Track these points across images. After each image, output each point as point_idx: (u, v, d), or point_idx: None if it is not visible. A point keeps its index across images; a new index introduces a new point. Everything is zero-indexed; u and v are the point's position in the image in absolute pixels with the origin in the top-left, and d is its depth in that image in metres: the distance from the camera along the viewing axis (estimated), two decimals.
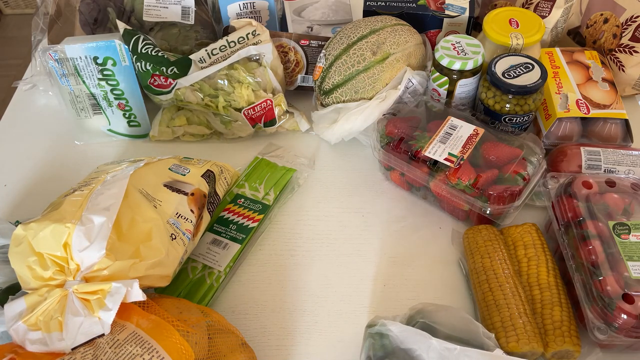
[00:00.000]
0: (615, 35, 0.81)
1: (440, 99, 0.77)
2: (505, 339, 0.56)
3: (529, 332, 0.56)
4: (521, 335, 0.56)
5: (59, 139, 0.84)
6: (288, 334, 0.62)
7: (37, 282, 0.51)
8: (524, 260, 0.63)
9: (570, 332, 0.56)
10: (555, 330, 0.57)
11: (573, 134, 0.75)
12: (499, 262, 0.62)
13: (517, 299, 0.59)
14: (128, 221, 0.54)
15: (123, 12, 0.87)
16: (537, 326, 0.57)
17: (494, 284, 0.60)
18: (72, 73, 0.75)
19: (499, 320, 0.58)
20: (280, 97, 0.79)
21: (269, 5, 0.86)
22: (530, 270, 0.62)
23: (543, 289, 0.60)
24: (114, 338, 0.48)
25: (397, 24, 0.78)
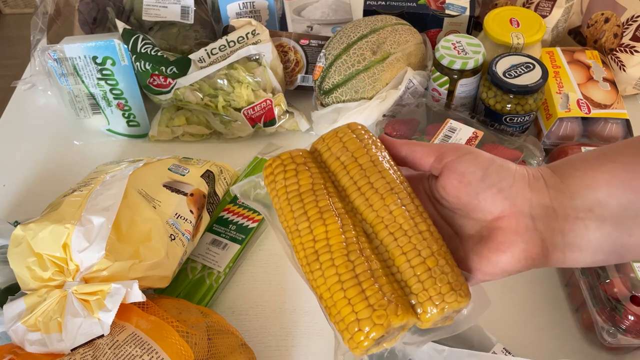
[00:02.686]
0: (616, 34, 0.81)
1: (441, 98, 0.77)
2: (347, 330, 0.35)
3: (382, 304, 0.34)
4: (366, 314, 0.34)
5: (58, 139, 0.84)
6: (288, 334, 0.62)
7: (37, 282, 0.51)
8: (350, 187, 0.39)
9: (455, 286, 0.36)
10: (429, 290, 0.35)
11: (574, 133, 0.74)
12: (314, 204, 0.38)
13: (358, 257, 0.36)
14: (127, 222, 0.54)
15: (122, 11, 0.87)
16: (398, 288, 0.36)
17: (320, 245, 0.37)
18: (71, 73, 0.75)
19: (336, 298, 0.35)
20: (280, 97, 0.79)
21: (269, 5, 0.85)
22: (370, 200, 0.38)
23: (395, 233, 0.37)
24: (114, 339, 0.48)
25: (397, 24, 0.78)
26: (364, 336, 0.34)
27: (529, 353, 0.58)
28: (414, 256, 0.36)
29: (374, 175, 0.39)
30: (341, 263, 0.36)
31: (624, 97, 0.84)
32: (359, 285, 0.35)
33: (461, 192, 0.37)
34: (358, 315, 0.34)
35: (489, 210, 0.37)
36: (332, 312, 0.36)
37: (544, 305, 0.63)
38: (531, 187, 0.37)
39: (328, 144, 0.41)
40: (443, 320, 0.37)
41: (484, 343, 0.55)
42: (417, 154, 0.40)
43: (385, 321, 0.34)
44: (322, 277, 0.36)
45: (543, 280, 0.65)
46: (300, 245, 0.38)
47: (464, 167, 0.37)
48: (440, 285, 0.35)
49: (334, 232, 0.37)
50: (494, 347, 0.54)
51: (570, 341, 0.60)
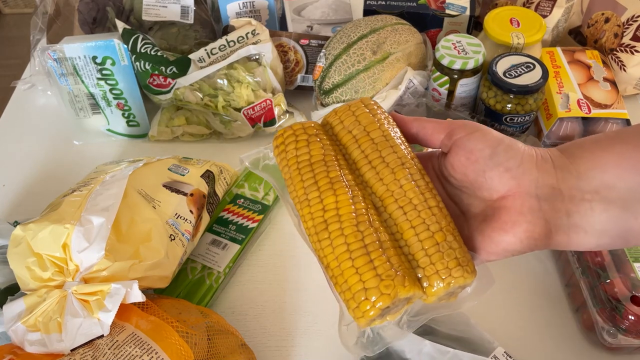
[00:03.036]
0: (616, 34, 0.81)
1: (441, 98, 0.77)
2: (354, 299, 0.35)
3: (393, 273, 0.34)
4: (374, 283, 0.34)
5: (58, 139, 0.84)
6: (288, 334, 0.62)
7: (36, 283, 0.51)
8: (361, 160, 0.39)
9: (462, 262, 0.36)
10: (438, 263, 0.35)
11: (574, 133, 0.74)
12: (325, 174, 0.38)
13: (366, 227, 0.36)
14: (127, 222, 0.54)
15: (122, 11, 0.87)
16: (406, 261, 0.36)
17: (329, 214, 0.37)
18: (71, 73, 0.75)
19: (344, 267, 0.35)
20: (280, 97, 0.79)
21: (269, 5, 0.85)
22: (381, 174, 0.38)
23: (405, 207, 0.37)
24: (113, 339, 0.48)
25: (397, 23, 0.78)
26: (370, 305, 0.34)
27: (529, 353, 0.58)
28: (423, 230, 0.36)
29: (386, 149, 0.39)
30: (350, 233, 0.35)
31: (624, 97, 0.84)
32: (367, 255, 0.35)
33: (468, 169, 0.38)
34: (365, 285, 0.34)
35: (495, 188, 0.37)
36: (338, 281, 0.36)
37: (544, 305, 0.63)
38: (538, 167, 0.37)
39: (340, 117, 0.41)
40: (447, 296, 0.37)
41: (484, 345, 0.54)
42: (427, 130, 0.40)
43: (393, 291, 0.34)
44: (330, 246, 0.36)
45: (543, 281, 0.65)
46: (309, 214, 0.37)
47: (473, 145, 0.38)
48: (447, 260, 0.35)
49: (344, 202, 0.37)
50: (495, 351, 0.54)
51: (570, 341, 0.60)
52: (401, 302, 0.35)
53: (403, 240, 0.37)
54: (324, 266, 0.37)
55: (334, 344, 0.61)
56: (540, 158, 0.37)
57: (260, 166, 0.44)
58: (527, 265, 0.66)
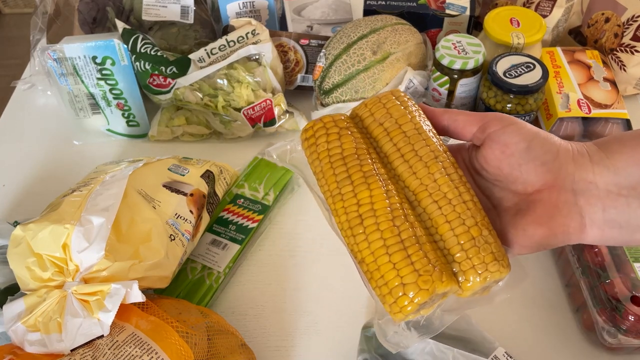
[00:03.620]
0: (616, 34, 0.81)
1: (441, 98, 0.77)
2: (391, 295, 0.34)
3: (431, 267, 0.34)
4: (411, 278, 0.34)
5: (58, 139, 0.84)
6: (288, 334, 0.62)
7: (36, 283, 0.51)
8: (393, 153, 0.39)
9: (497, 256, 0.36)
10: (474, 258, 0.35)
11: (574, 133, 0.74)
12: (358, 169, 0.38)
13: (402, 222, 0.36)
14: (127, 222, 0.54)
15: (122, 11, 0.87)
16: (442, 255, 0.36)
17: (364, 208, 0.36)
18: (70, 73, 0.75)
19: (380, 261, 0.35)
20: (280, 97, 0.79)
21: (269, 5, 0.85)
22: (414, 167, 0.38)
23: (439, 201, 0.37)
24: (113, 339, 0.48)
25: (397, 23, 0.78)
26: (408, 301, 0.34)
27: (529, 353, 0.58)
28: (458, 225, 0.36)
29: (418, 142, 0.38)
30: (386, 228, 0.35)
31: (624, 97, 0.84)
32: (404, 250, 0.35)
33: (503, 162, 0.37)
34: (403, 280, 0.34)
35: (530, 182, 0.37)
36: (374, 276, 0.35)
37: (545, 305, 0.63)
38: (575, 161, 0.36)
39: (371, 110, 0.41)
40: (482, 290, 0.37)
41: (485, 345, 0.54)
42: (459, 123, 0.40)
43: (431, 286, 0.33)
44: (366, 241, 0.36)
45: (543, 281, 0.65)
46: (342, 209, 0.37)
47: (508, 138, 0.37)
48: (484, 255, 0.35)
49: (379, 197, 0.36)
50: (495, 351, 0.54)
51: (570, 341, 0.60)
52: (437, 297, 0.35)
53: (438, 234, 0.36)
54: (357, 261, 0.37)
55: (334, 344, 0.61)
56: (576, 152, 0.37)
57: (287, 159, 0.43)
58: (527, 265, 0.66)
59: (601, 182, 0.36)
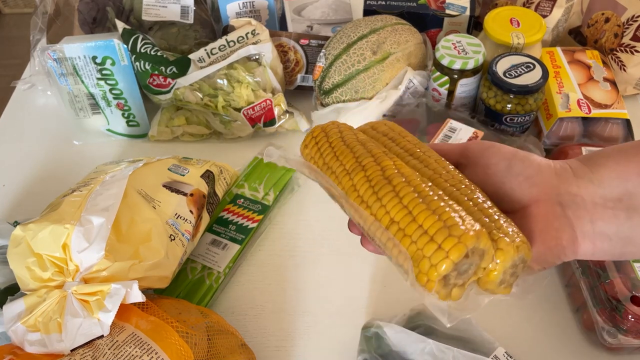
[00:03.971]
0: (616, 34, 0.81)
1: (441, 98, 0.77)
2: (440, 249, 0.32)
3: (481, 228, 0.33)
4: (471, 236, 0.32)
5: (58, 139, 0.84)
6: (287, 334, 0.62)
7: (36, 283, 0.51)
8: (402, 152, 0.39)
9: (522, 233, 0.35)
10: (502, 229, 0.34)
11: (574, 134, 0.74)
12: (373, 150, 0.38)
13: (428, 189, 0.35)
14: (127, 222, 0.54)
15: (122, 11, 0.87)
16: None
17: (389, 171, 0.36)
18: (70, 73, 0.75)
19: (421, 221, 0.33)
20: (279, 97, 0.79)
21: (269, 5, 0.85)
22: (425, 162, 0.38)
23: (456, 185, 0.37)
24: (113, 339, 0.48)
25: (397, 24, 0.78)
26: (455, 242, 0.31)
27: (529, 353, 0.58)
28: (480, 202, 0.35)
29: (423, 147, 0.40)
30: (418, 183, 0.34)
31: (624, 97, 0.84)
32: (440, 203, 0.33)
33: (487, 183, 0.38)
34: (447, 222, 0.32)
35: (517, 199, 0.37)
36: (408, 230, 0.33)
37: (545, 305, 0.62)
38: (558, 175, 0.37)
39: (373, 126, 0.42)
40: (509, 274, 0.34)
41: (485, 345, 0.54)
42: (442, 152, 0.41)
43: (476, 232, 0.31)
44: (396, 197, 0.34)
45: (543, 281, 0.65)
46: (364, 178, 0.35)
47: (488, 159, 0.38)
48: (511, 228, 0.34)
49: (403, 166, 0.36)
50: (496, 351, 0.54)
51: (570, 341, 0.60)
52: (474, 262, 0.32)
53: (462, 210, 0.34)
54: (383, 227, 0.34)
55: (334, 344, 0.61)
56: (558, 167, 0.37)
57: (285, 160, 0.43)
58: None
59: (586, 195, 0.36)
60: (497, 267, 0.33)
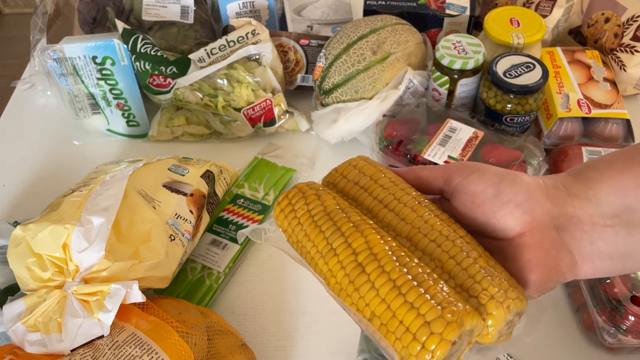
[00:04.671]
0: (616, 34, 0.81)
1: (441, 98, 0.77)
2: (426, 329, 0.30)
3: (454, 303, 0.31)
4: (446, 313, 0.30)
5: (58, 139, 0.84)
6: (287, 334, 0.62)
7: (36, 283, 0.51)
8: (376, 206, 0.38)
9: (512, 284, 0.34)
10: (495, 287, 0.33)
11: (574, 133, 0.74)
12: (346, 218, 0.35)
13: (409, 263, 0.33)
14: (127, 222, 0.54)
15: (122, 11, 0.87)
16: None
17: (363, 254, 0.33)
18: (70, 73, 0.75)
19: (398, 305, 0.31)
20: (279, 97, 0.79)
21: (269, 5, 0.85)
22: (401, 214, 0.37)
23: (437, 239, 0.35)
24: (113, 339, 0.48)
25: (397, 23, 0.78)
26: (438, 340, 0.29)
27: (529, 353, 0.58)
28: (463, 258, 0.33)
29: (399, 192, 0.37)
30: (392, 268, 0.32)
31: (624, 97, 0.84)
32: (418, 287, 0.31)
33: (476, 213, 0.36)
34: (426, 317, 0.30)
35: (509, 228, 0.35)
36: (390, 326, 0.31)
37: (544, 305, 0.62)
38: (550, 197, 0.35)
39: (342, 173, 0.40)
40: (506, 328, 0.33)
41: None
42: (424, 179, 0.39)
43: (459, 318, 0.29)
44: (373, 288, 0.32)
45: None
46: (338, 264, 0.34)
47: (474, 187, 0.36)
48: (499, 283, 0.32)
49: (375, 241, 0.33)
50: None
51: (570, 341, 0.60)
52: (465, 340, 0.31)
53: (445, 273, 0.33)
54: (367, 317, 0.33)
55: (334, 344, 0.61)
56: (550, 188, 0.35)
57: (263, 238, 0.41)
58: None
59: (583, 215, 0.34)
60: (491, 332, 0.32)
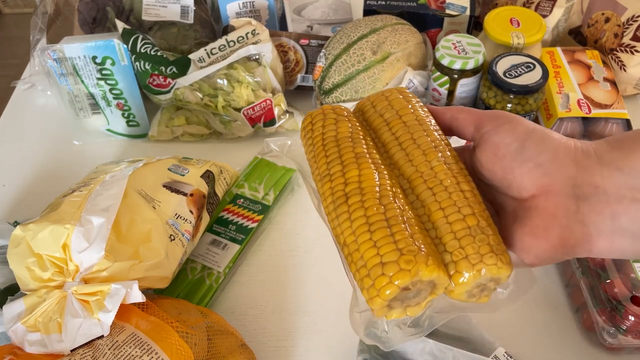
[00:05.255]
0: (616, 34, 0.81)
1: (441, 98, 0.77)
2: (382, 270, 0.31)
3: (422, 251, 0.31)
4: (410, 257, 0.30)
5: (58, 139, 0.84)
6: (288, 334, 0.62)
7: (36, 283, 0.51)
8: (391, 142, 0.37)
9: (496, 250, 0.32)
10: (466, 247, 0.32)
11: (574, 134, 0.74)
12: (350, 145, 0.36)
13: (394, 206, 0.33)
14: (127, 222, 0.54)
15: (122, 11, 0.87)
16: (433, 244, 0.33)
17: (351, 187, 0.34)
18: (70, 73, 0.75)
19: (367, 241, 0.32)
20: (279, 97, 0.79)
21: (269, 5, 0.85)
22: (410, 155, 0.36)
23: (434, 187, 0.34)
24: (113, 339, 0.48)
25: (397, 23, 0.78)
26: (386, 281, 0.30)
27: (529, 353, 0.58)
28: (453, 212, 0.33)
29: (418, 132, 0.36)
30: (371, 205, 0.32)
31: (624, 97, 0.84)
32: (387, 229, 0.31)
33: (496, 165, 0.34)
34: (383, 259, 0.30)
35: (525, 187, 0.33)
36: (354, 258, 0.32)
37: (544, 305, 0.62)
38: (577, 163, 0.32)
39: (373, 102, 0.40)
40: (479, 290, 0.33)
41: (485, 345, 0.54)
42: (459, 121, 0.37)
43: (414, 268, 0.30)
44: (349, 219, 0.33)
45: (543, 281, 0.65)
46: (330, 189, 0.35)
47: (500, 138, 0.34)
48: (479, 245, 0.31)
49: (368, 176, 0.34)
50: (496, 351, 0.54)
51: (570, 341, 0.60)
52: (424, 289, 0.31)
53: (430, 222, 0.33)
54: (340, 245, 0.34)
55: (334, 344, 0.61)
56: (580, 152, 0.33)
57: (285, 151, 0.42)
58: None
59: (611, 186, 0.31)
60: (455, 289, 0.32)
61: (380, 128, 0.38)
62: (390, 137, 0.37)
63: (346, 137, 0.36)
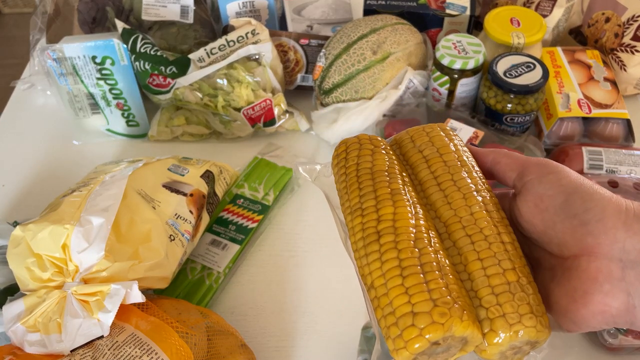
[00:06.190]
0: (616, 34, 0.81)
1: (441, 98, 0.77)
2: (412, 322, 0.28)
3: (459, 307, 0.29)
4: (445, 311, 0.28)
5: (57, 139, 0.84)
6: (287, 335, 0.62)
7: (36, 283, 0.51)
8: (429, 180, 0.35)
9: (536, 311, 0.30)
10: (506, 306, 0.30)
11: (574, 133, 0.74)
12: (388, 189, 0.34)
13: (428, 256, 0.31)
14: (127, 222, 0.54)
15: (122, 11, 0.87)
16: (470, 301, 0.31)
17: (386, 232, 0.32)
18: (70, 72, 0.75)
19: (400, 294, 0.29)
20: (279, 97, 0.78)
21: (269, 4, 0.85)
22: (449, 197, 0.34)
23: (473, 235, 0.32)
24: (113, 340, 0.48)
25: (397, 23, 0.78)
26: (416, 334, 0.28)
27: None
28: (492, 264, 0.30)
29: (458, 173, 0.34)
30: (405, 247, 0.30)
31: (624, 96, 0.84)
32: (421, 275, 0.29)
33: (537, 218, 0.32)
34: (414, 308, 0.28)
35: (566, 245, 0.31)
36: (381, 302, 0.29)
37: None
38: (627, 225, 0.29)
39: (412, 137, 0.38)
40: (512, 352, 0.30)
41: None
42: (502, 166, 0.35)
43: (447, 322, 0.27)
44: (379, 260, 0.30)
45: None
46: (360, 225, 0.33)
47: (544, 189, 0.32)
48: (518, 304, 0.29)
49: (403, 215, 0.32)
50: None
51: (570, 341, 0.60)
52: (454, 345, 0.29)
53: (466, 272, 0.31)
54: (366, 286, 0.31)
55: (334, 344, 0.61)
56: (632, 214, 0.30)
57: (314, 177, 0.40)
58: None
59: None
60: (488, 349, 0.30)
61: (419, 165, 0.36)
62: (428, 175, 0.35)
63: (382, 171, 0.34)
